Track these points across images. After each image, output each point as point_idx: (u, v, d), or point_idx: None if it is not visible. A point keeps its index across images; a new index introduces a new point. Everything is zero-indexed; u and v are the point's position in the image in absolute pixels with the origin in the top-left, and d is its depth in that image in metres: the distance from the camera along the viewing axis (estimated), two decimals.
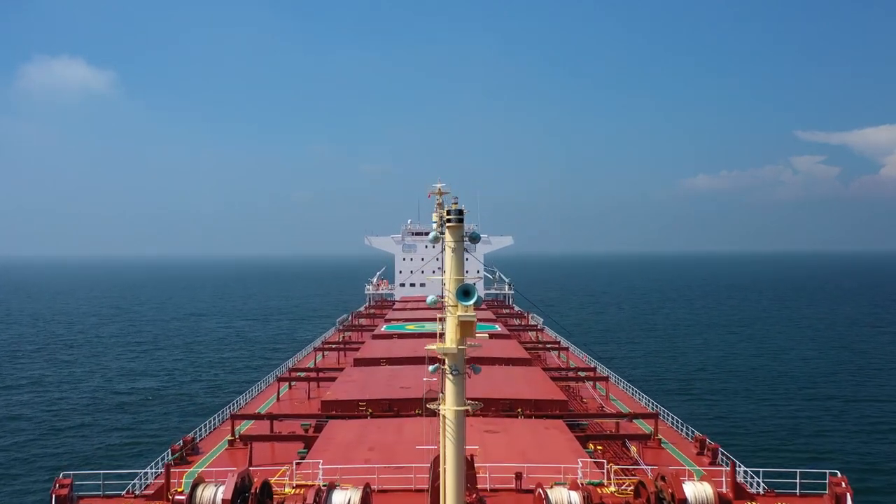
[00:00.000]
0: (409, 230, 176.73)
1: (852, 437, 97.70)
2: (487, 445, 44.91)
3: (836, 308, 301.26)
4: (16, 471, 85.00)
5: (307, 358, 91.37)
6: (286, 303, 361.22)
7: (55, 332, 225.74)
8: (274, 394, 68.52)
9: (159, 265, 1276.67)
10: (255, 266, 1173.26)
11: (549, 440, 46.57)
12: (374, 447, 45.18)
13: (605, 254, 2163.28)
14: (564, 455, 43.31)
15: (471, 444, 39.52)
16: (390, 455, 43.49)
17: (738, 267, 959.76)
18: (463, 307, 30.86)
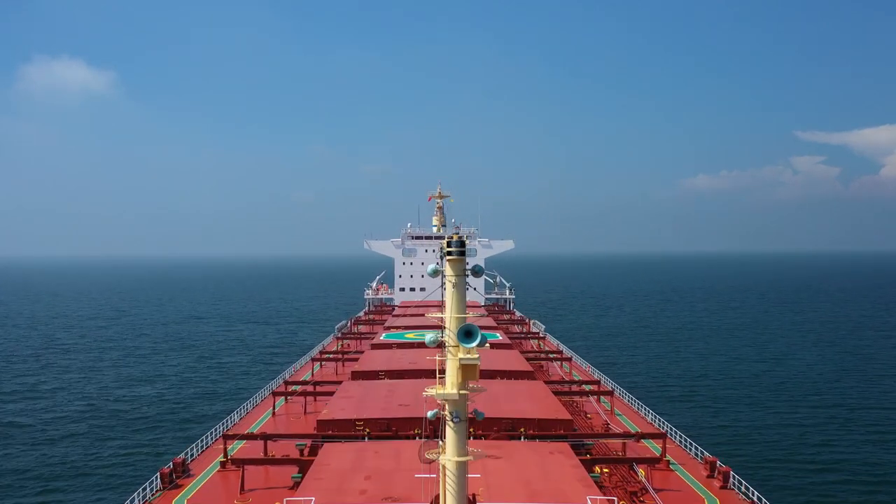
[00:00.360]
0: (408, 234, 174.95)
1: (860, 448, 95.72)
2: (490, 474, 42.97)
3: (839, 311, 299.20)
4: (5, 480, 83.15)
5: (304, 369, 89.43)
6: (285, 305, 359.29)
7: (52, 336, 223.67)
8: (269, 409, 66.53)
9: (159, 265, 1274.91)
10: (256, 266, 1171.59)
11: (554, 467, 44.64)
12: (370, 475, 43.25)
13: (605, 254, 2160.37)
14: (571, 486, 41.42)
15: (472, 471, 37.75)
16: (387, 485, 41.57)
17: (738, 267, 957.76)
18: (465, 349, 28.38)
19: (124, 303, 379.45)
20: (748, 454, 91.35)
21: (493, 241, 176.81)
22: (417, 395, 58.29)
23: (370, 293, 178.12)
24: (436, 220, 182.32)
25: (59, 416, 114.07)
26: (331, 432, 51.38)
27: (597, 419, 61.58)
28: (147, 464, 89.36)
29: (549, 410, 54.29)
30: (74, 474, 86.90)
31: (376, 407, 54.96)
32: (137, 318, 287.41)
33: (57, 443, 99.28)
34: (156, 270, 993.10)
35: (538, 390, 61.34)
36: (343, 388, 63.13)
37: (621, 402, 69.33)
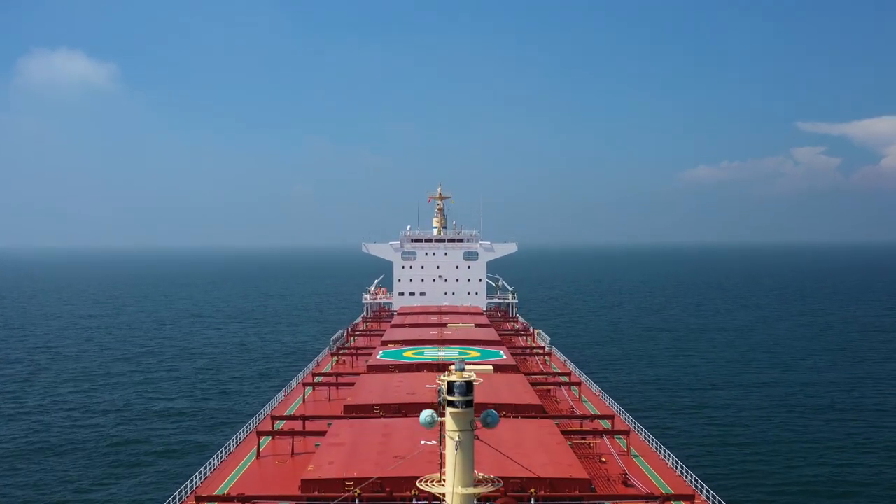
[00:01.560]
0: (408, 237, 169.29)
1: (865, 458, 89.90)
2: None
3: (844, 308, 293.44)
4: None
5: (294, 394, 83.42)
6: (283, 303, 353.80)
7: (59, 334, 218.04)
8: (250, 451, 60.64)
9: (159, 258, 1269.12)
10: (256, 258, 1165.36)
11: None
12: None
13: (606, 245, 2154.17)
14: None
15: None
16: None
17: (741, 260, 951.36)
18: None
19: (122, 299, 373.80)
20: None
21: (495, 244, 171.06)
22: (415, 443, 52.61)
23: (368, 297, 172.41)
24: (436, 221, 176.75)
25: (55, 426, 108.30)
26: (317, 493, 45.63)
27: (613, 467, 55.71)
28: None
29: (563, 465, 48.47)
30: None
31: (369, 460, 49.17)
32: (133, 320, 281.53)
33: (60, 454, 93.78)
34: (156, 263, 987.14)
35: (549, 435, 55.46)
36: (333, 431, 57.31)
37: (639, 441, 63.40)
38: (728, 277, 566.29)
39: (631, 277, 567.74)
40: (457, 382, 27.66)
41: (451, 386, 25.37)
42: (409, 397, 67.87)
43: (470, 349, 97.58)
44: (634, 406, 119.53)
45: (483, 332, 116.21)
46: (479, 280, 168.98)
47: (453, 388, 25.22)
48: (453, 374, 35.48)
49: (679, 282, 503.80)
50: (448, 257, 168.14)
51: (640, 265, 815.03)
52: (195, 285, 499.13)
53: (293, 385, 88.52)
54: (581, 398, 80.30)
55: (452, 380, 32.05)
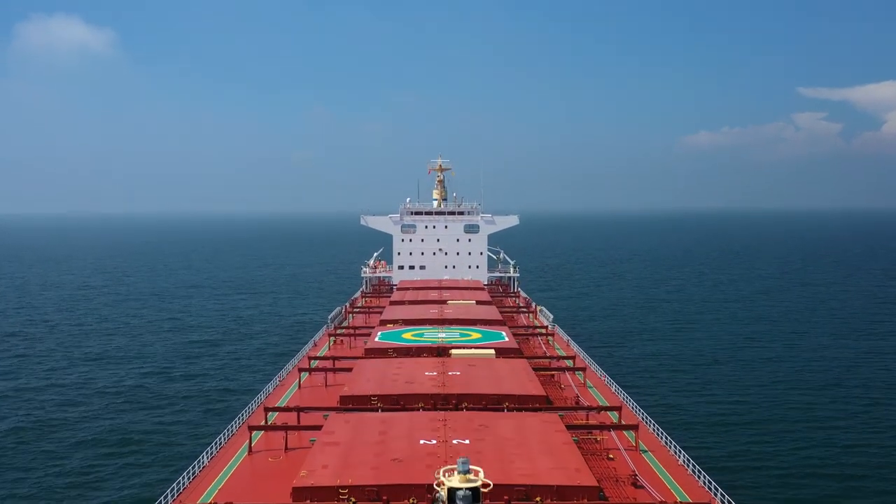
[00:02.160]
0: (407, 209, 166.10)
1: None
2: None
3: (847, 277, 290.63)
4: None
5: (289, 380, 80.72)
6: (283, 273, 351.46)
7: (57, 306, 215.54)
8: (241, 447, 58.03)
9: (159, 223, 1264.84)
10: (258, 225, 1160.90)
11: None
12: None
13: (606, 212, 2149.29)
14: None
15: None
16: None
17: (742, 227, 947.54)
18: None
19: (107, 272, 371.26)
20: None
21: (496, 217, 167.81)
22: (414, 442, 50.09)
23: (367, 271, 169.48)
24: (436, 193, 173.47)
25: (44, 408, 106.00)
26: (308, 502, 42.99)
27: (621, 465, 53.11)
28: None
29: (570, 470, 45.83)
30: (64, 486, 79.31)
31: (365, 463, 46.53)
32: (118, 296, 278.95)
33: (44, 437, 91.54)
34: (156, 230, 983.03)
35: (554, 432, 52.79)
36: (328, 428, 54.64)
37: (648, 434, 60.79)
38: (730, 244, 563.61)
39: (631, 247, 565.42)
40: (461, 492, 21.33)
41: (453, 495, 19.66)
42: (408, 387, 65.23)
43: (471, 329, 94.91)
44: (638, 384, 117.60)
45: (484, 309, 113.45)
46: (480, 253, 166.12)
47: (455, 498, 19.15)
48: (455, 477, 30.24)
49: (680, 250, 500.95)
50: (448, 230, 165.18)
51: (640, 233, 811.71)
52: (195, 253, 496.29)
53: (289, 369, 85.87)
54: (586, 384, 77.71)
55: (455, 486, 26.31)
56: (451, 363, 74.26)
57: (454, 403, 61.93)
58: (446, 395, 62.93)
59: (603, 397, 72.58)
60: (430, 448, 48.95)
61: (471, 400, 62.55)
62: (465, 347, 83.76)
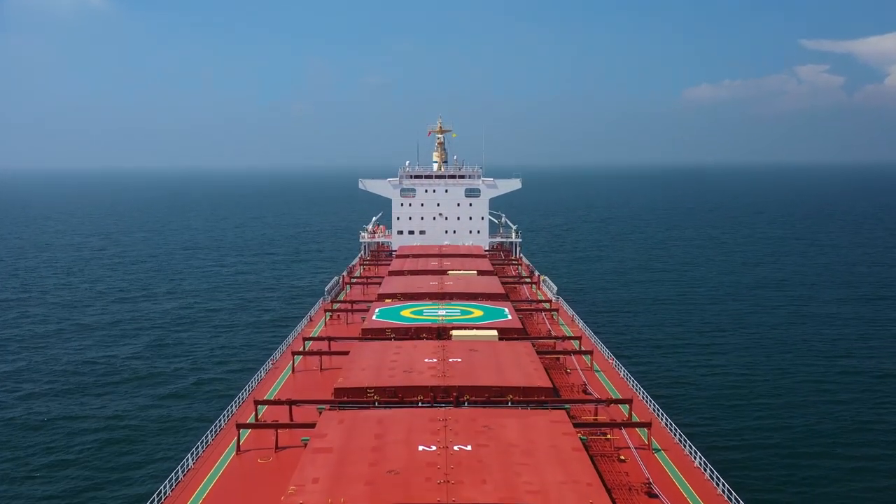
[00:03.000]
0: (407, 173, 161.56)
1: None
2: None
3: (855, 235, 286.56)
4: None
5: (281, 363, 77.12)
6: (281, 233, 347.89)
7: (51, 267, 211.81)
8: (229, 447, 54.67)
9: (158, 179, 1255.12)
10: (257, 179, 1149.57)
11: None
12: None
13: (609, 166, 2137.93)
14: None
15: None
16: None
17: (744, 182, 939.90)
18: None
19: (103, 230, 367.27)
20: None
21: (498, 181, 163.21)
22: (412, 449, 46.66)
23: (366, 236, 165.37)
24: (436, 156, 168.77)
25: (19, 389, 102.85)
26: None
27: (634, 470, 49.71)
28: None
29: (582, 485, 42.31)
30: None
31: (359, 477, 43.10)
32: (113, 258, 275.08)
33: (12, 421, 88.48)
34: (155, 185, 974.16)
35: (563, 435, 49.20)
36: (321, 429, 51.15)
37: (661, 431, 57.39)
38: (733, 199, 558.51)
39: (633, 205, 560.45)
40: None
41: None
42: (407, 377, 61.62)
43: (472, 306, 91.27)
44: (644, 362, 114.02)
45: (486, 281, 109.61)
46: (482, 218, 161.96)
47: None
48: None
49: (682, 209, 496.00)
50: (449, 194, 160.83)
51: (642, 189, 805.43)
52: (193, 210, 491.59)
53: (282, 349, 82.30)
54: (593, 367, 74.26)
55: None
56: (451, 347, 70.69)
57: (455, 397, 58.48)
58: (447, 387, 59.41)
59: (612, 385, 69.10)
60: (429, 457, 45.50)
61: (473, 392, 59.06)
62: (467, 328, 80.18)
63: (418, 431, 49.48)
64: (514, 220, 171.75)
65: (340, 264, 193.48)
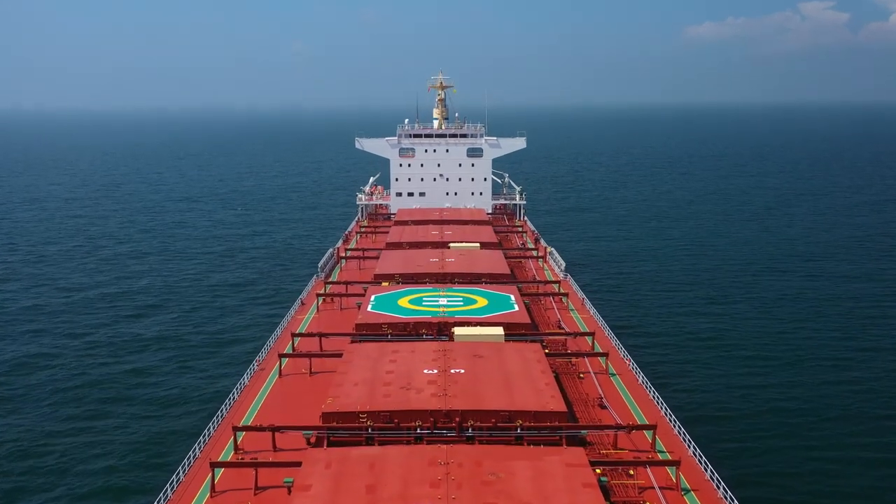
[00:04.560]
0: (406, 132, 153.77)
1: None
2: None
3: (863, 185, 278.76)
4: None
5: (267, 368, 70.47)
6: (278, 183, 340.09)
7: (39, 226, 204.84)
8: (203, 485, 48.57)
9: (156, 120, 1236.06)
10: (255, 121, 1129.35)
11: None
12: None
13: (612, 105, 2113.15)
14: None
15: None
16: None
17: (749, 124, 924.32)
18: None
19: (96, 179, 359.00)
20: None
21: (501, 140, 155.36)
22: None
23: (363, 198, 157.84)
24: (437, 112, 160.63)
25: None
26: None
27: None
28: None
29: None
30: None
31: None
32: (105, 213, 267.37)
33: None
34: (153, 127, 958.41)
35: (582, 490, 42.80)
36: (305, 470, 45.13)
37: (690, 464, 51.15)
38: (738, 142, 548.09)
39: (636, 148, 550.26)
40: None
41: None
42: (403, 397, 55.14)
43: (476, 293, 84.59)
44: (661, 356, 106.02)
45: (490, 257, 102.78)
46: (484, 179, 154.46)
47: None
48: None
49: (685, 153, 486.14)
50: (450, 154, 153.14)
51: (644, 132, 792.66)
52: (191, 158, 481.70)
53: (268, 347, 75.69)
54: (608, 370, 67.89)
55: None
56: (453, 350, 64.28)
57: (458, 423, 52.19)
58: (448, 411, 53.00)
59: (631, 396, 62.59)
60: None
61: (478, 418, 52.76)
62: (470, 322, 73.70)
63: (415, 480, 43.38)
64: (517, 180, 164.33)
65: (337, 226, 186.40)
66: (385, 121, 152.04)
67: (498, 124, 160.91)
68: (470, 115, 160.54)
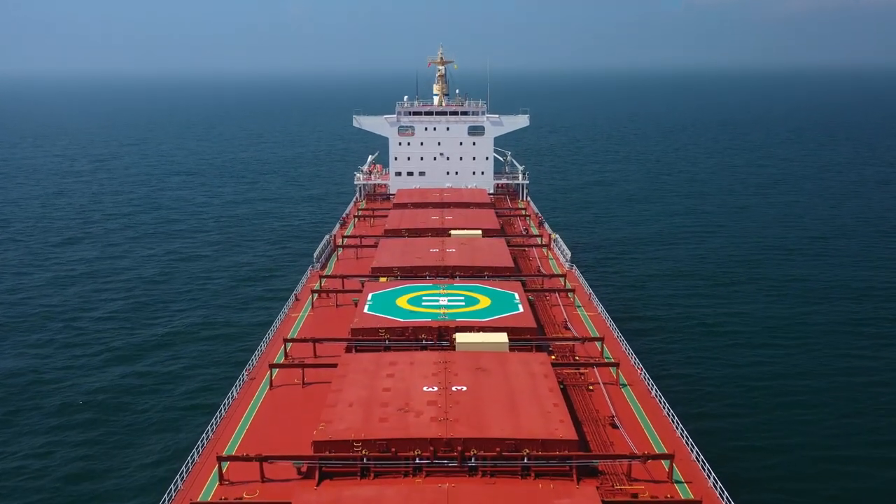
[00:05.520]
0: (405, 109, 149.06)
1: None
2: None
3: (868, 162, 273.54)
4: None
5: (254, 377, 66.39)
6: (278, 154, 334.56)
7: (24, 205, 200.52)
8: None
9: (151, 84, 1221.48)
10: (253, 85, 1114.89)
11: None
12: None
13: (612, 69, 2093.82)
14: None
15: None
16: None
17: (751, 88, 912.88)
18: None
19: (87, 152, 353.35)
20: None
21: (503, 117, 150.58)
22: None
23: (361, 178, 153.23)
24: (437, 88, 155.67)
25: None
26: None
27: None
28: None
29: None
30: None
31: None
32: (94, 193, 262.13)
33: None
34: (149, 92, 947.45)
35: None
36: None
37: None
38: (742, 110, 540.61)
39: (639, 119, 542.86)
40: None
41: None
42: (401, 422, 51.18)
43: (478, 291, 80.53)
44: (673, 367, 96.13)
45: (492, 248, 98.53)
46: (486, 158, 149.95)
47: None
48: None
49: (688, 120, 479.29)
50: (451, 132, 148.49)
51: (646, 98, 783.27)
52: (189, 125, 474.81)
53: (257, 357, 71.45)
54: (619, 381, 63.99)
55: None
56: (455, 362, 60.53)
57: (460, 452, 48.46)
58: (449, 440, 49.22)
59: (647, 418, 58.38)
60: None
61: (481, 446, 48.98)
62: (472, 327, 69.81)
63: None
64: (519, 157, 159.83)
65: (337, 202, 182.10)
66: (390, 87, 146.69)
67: (500, 91, 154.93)
68: (472, 87, 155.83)
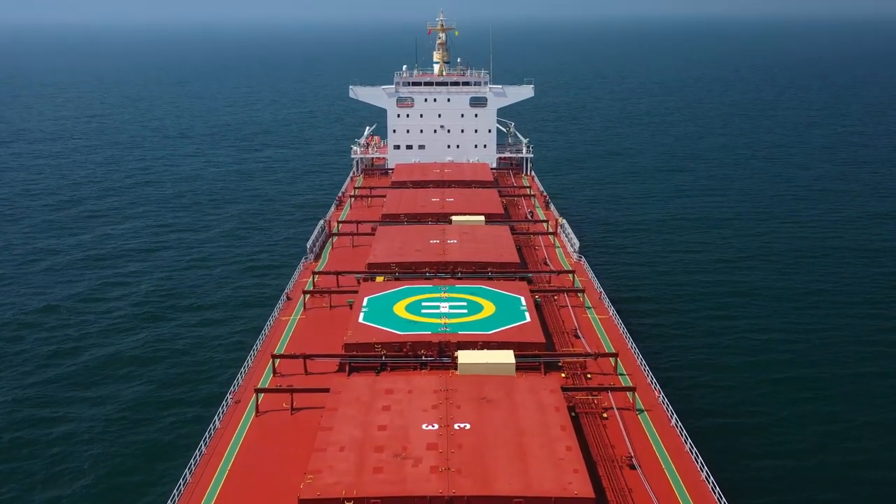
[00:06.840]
0: (404, 80, 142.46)
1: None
2: None
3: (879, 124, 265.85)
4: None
5: (240, 399, 61.37)
6: (273, 117, 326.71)
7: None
8: None
9: (146, 37, 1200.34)
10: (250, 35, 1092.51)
11: None
12: None
13: (605, 17, 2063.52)
14: None
15: None
16: None
17: (752, 38, 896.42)
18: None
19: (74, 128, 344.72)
20: None
21: (506, 88, 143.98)
22: None
23: (359, 151, 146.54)
24: (437, 56, 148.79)
25: None
26: None
27: None
28: None
29: None
30: None
31: None
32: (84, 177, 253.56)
33: None
34: (143, 45, 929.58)
35: None
36: None
37: None
38: (746, 67, 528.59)
39: (637, 76, 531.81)
40: None
41: None
42: (398, 474, 46.05)
43: (482, 296, 75.12)
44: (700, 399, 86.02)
45: (496, 240, 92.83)
46: (489, 131, 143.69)
47: None
48: None
49: (690, 77, 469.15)
50: (452, 104, 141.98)
51: (640, 51, 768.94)
52: (187, 85, 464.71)
53: (242, 376, 65.89)
54: (636, 406, 58.80)
55: None
56: (457, 392, 55.69)
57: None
58: (451, 498, 44.25)
59: (668, 454, 53.21)
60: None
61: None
62: (475, 342, 64.76)
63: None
64: (522, 129, 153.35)
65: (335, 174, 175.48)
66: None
67: (502, 40, 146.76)
68: (472, 49, 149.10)
